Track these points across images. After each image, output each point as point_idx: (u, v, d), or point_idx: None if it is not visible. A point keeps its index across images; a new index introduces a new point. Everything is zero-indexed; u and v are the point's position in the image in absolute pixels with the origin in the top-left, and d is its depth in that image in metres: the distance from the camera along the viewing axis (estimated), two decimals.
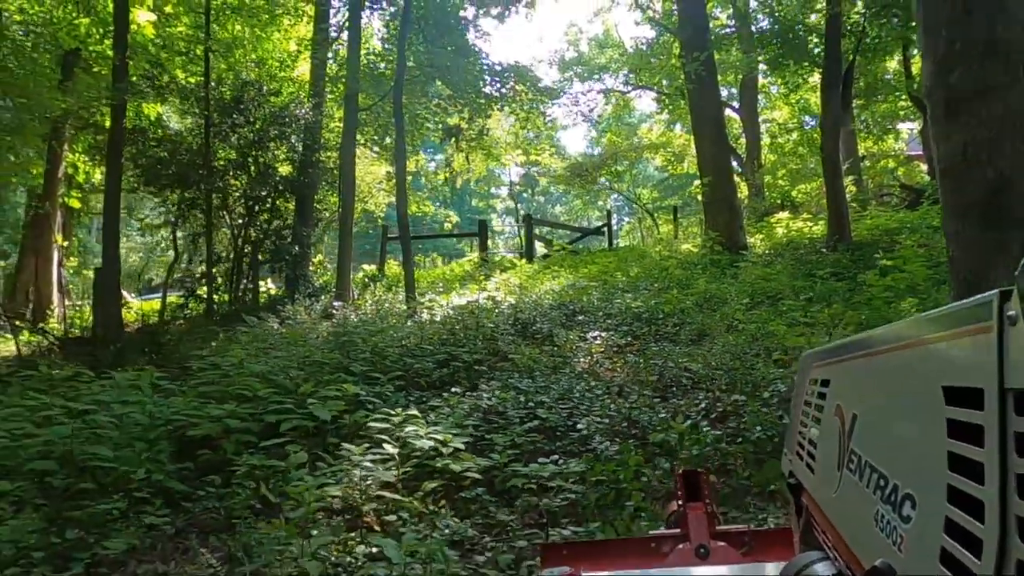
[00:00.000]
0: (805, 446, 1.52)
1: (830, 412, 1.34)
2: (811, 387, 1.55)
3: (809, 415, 1.53)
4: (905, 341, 0.98)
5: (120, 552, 3.60)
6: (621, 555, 2.09)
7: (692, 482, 2.13)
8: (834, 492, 1.25)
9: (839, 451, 1.24)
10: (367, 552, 3.32)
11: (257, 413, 5.00)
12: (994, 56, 4.71)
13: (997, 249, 4.47)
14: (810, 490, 1.47)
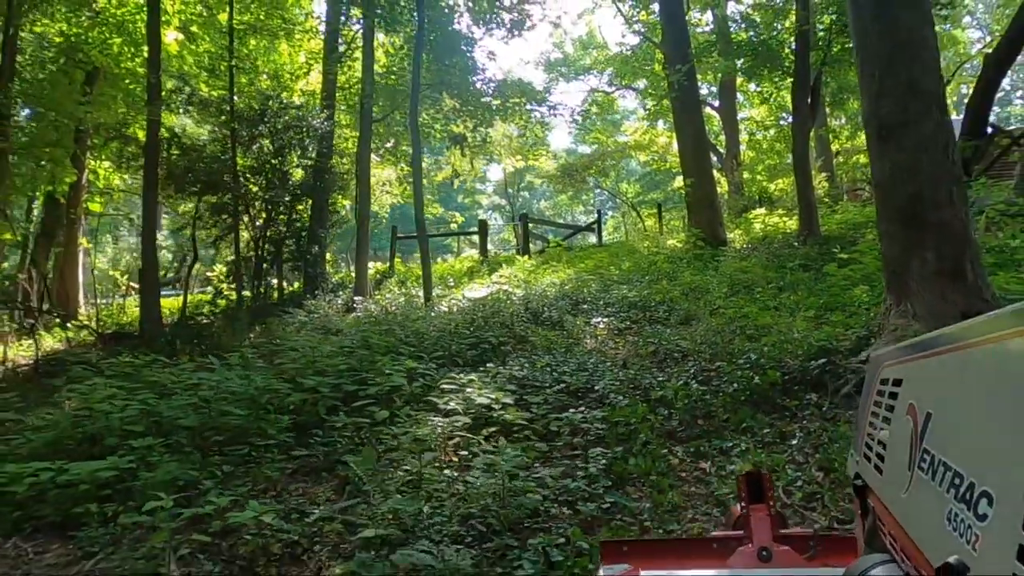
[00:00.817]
0: (874, 447, 1.50)
1: (902, 412, 1.32)
2: (881, 387, 1.54)
3: (879, 416, 1.51)
4: (986, 337, 0.96)
5: (268, 480, 4.91)
6: (681, 555, 2.14)
7: (755, 483, 2.16)
8: (904, 492, 1.23)
9: (911, 451, 1.21)
10: (451, 475, 4.66)
11: (337, 384, 6.32)
12: (913, 95, 6.12)
13: (915, 245, 5.91)
14: (877, 491, 1.45)
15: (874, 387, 1.62)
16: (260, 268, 14.15)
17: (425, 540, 3.64)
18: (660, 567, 2.07)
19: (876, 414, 1.55)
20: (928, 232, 5.84)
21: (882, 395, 1.51)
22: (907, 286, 5.90)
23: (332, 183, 14.38)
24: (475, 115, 13.21)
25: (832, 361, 5.74)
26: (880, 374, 1.57)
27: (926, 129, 6.03)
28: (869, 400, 1.65)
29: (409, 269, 17.48)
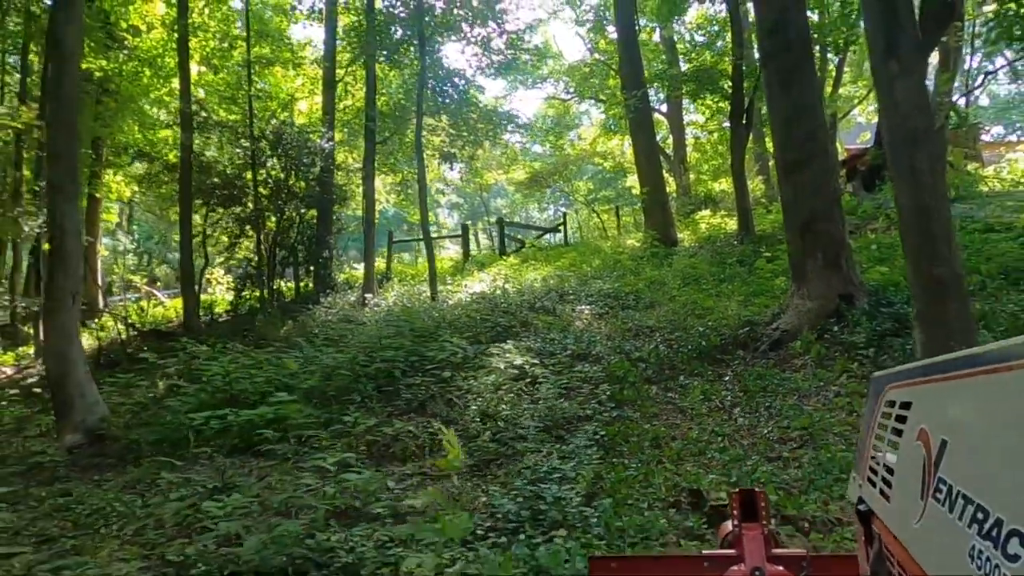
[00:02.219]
0: (879, 471, 1.49)
1: (911, 437, 1.29)
2: (886, 409, 1.52)
3: (884, 439, 1.50)
4: (1016, 363, 0.92)
5: (382, 413, 7.41)
6: (672, 572, 2.22)
7: (748, 502, 2.20)
8: (916, 522, 1.20)
9: (923, 478, 1.18)
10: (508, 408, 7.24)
11: (403, 357, 8.80)
12: (807, 143, 8.96)
13: (809, 249, 8.73)
14: (884, 519, 1.44)
15: (878, 409, 1.58)
16: (273, 271, 16.39)
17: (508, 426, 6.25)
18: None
19: (881, 437, 1.51)
20: (818, 239, 8.69)
21: (888, 417, 1.48)
22: (805, 276, 8.74)
23: (335, 195, 16.69)
24: (467, 138, 15.71)
25: (753, 329, 8.55)
26: (885, 396, 1.53)
27: (816, 167, 8.91)
28: (873, 422, 1.60)
29: (404, 269, 19.94)
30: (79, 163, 15.64)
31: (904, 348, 6.89)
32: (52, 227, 8.30)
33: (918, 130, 6.33)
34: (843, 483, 4.49)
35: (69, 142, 8.42)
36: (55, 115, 8.43)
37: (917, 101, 6.48)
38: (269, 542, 3.96)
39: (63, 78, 8.45)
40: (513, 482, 4.51)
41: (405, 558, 3.55)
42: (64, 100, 8.38)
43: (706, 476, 4.78)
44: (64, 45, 8.44)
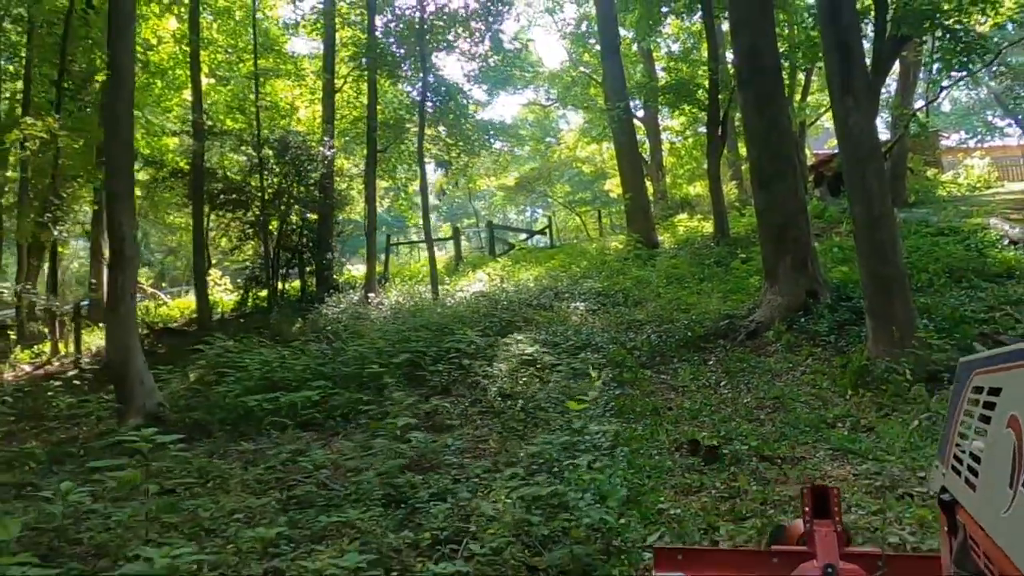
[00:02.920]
0: (964, 460, 1.47)
1: (1001, 423, 1.27)
2: (974, 395, 1.50)
3: (971, 426, 1.48)
4: None
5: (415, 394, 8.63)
6: (738, 566, 2.23)
7: (820, 498, 2.21)
8: (1005, 512, 1.18)
9: (1014, 467, 1.17)
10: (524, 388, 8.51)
11: (425, 348, 10.02)
12: (779, 159, 10.35)
13: (780, 253, 10.13)
14: (970, 508, 1.41)
15: (964, 395, 1.57)
16: (277, 272, 17.46)
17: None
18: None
19: (967, 424, 1.49)
20: (788, 244, 10.09)
21: (975, 404, 1.46)
22: (776, 276, 10.14)
23: (336, 200, 17.81)
24: (462, 147, 16.95)
25: (732, 321, 9.92)
26: (972, 382, 1.53)
27: (787, 181, 10.32)
28: (958, 409, 1.59)
29: (400, 269, 21.11)
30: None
31: (859, 336, 8.29)
32: (112, 233, 9.40)
33: (867, 154, 7.75)
34: (806, 435, 5.85)
35: (126, 156, 9.52)
36: (113, 132, 9.50)
37: (867, 129, 7.92)
38: (366, 480, 5.19)
39: (119, 98, 9.54)
40: (549, 439, 5.77)
41: (492, 483, 4.82)
42: (121, 118, 9.47)
43: (700, 432, 6.10)
44: (121, 67, 9.54)
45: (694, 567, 2.19)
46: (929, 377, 6.73)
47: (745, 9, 10.35)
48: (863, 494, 4.46)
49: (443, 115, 15.76)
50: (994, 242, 12.10)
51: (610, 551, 3.78)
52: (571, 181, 45.25)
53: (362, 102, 17.83)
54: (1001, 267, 10.49)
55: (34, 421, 10.00)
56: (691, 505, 4.52)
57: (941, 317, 8.43)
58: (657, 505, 4.46)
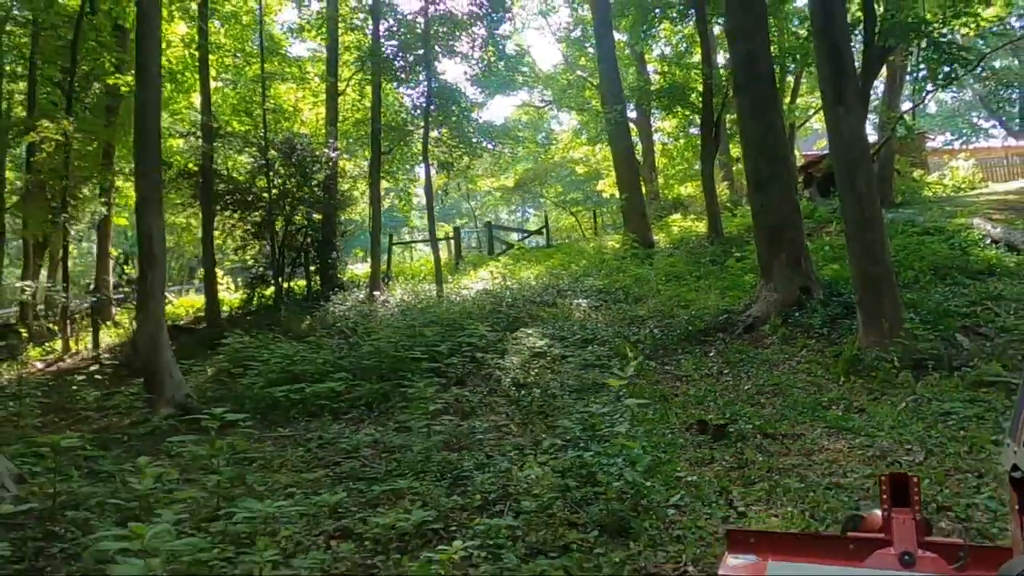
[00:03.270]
0: None
1: None
2: None
3: None
4: None
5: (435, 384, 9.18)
6: (813, 551, 2.18)
7: (899, 486, 2.15)
8: None
9: None
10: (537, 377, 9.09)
11: (441, 342, 10.57)
12: (774, 162, 10.98)
13: (775, 251, 10.75)
14: None
15: None
16: (283, 271, 17.94)
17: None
18: (789, 560, 2.09)
19: None
20: (782, 243, 10.72)
21: None
22: (771, 274, 10.77)
23: (340, 200, 18.32)
24: (464, 149, 17.52)
25: (730, 316, 10.55)
26: None
27: (781, 183, 10.96)
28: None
29: (401, 268, 21.66)
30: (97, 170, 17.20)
31: (850, 328, 8.92)
32: (141, 233, 9.89)
33: (857, 158, 8.39)
34: (802, 415, 6.46)
35: (154, 160, 10.02)
36: (143, 137, 9.99)
37: (857, 135, 8.56)
38: (407, 458, 5.75)
39: (148, 103, 10.03)
40: (570, 422, 6.35)
41: (525, 458, 5.41)
42: (149, 124, 9.97)
43: (706, 414, 6.71)
44: (148, 71, 10.04)
45: (767, 550, 2.16)
46: (915, 365, 7.37)
47: (741, 19, 10.97)
48: (857, 463, 5.07)
49: (446, 118, 16.31)
50: (977, 241, 12.79)
51: (639, 508, 4.36)
52: (563, 181, 46.05)
53: (365, 104, 18.36)
54: (983, 265, 11.16)
55: (62, 413, 10.47)
56: (705, 474, 5.12)
57: (926, 311, 9.07)
58: (675, 473, 5.06)
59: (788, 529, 3.98)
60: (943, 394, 6.54)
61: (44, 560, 4.37)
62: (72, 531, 4.62)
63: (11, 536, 4.82)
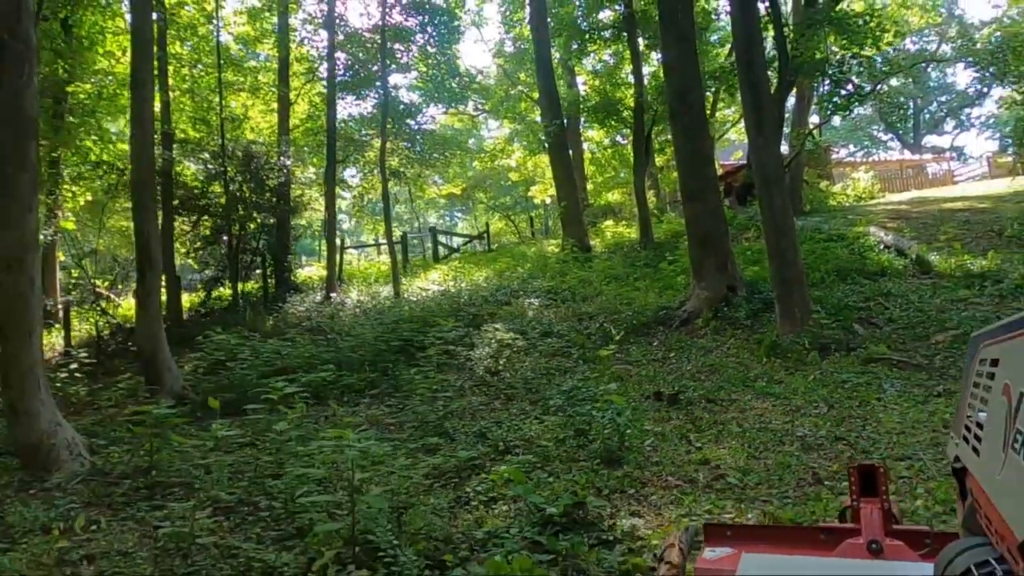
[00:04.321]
0: (972, 429, 1.58)
1: (998, 392, 1.38)
2: (980, 368, 1.61)
3: (978, 397, 1.58)
4: None
5: None
6: (786, 542, 2.33)
7: (868, 477, 2.30)
8: (999, 473, 1.29)
9: (1005, 431, 1.27)
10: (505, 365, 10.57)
11: (413, 336, 11.90)
12: (704, 181, 12.82)
13: (705, 256, 12.57)
14: (975, 473, 1.53)
15: (973, 367, 1.68)
16: (238, 273, 18.81)
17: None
18: (763, 551, 2.21)
19: (975, 395, 1.59)
20: (711, 249, 12.55)
21: (981, 376, 1.56)
22: (702, 273, 12.59)
23: (292, 206, 19.32)
24: (415, 158, 18.83)
25: (668, 312, 12.32)
26: (979, 354, 1.62)
27: (710, 197, 12.81)
28: (969, 382, 1.69)
29: (351, 271, 22.72)
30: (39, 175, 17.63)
31: (770, 320, 10.79)
32: (138, 236, 10.87)
33: (773, 177, 10.26)
34: (735, 386, 8.19)
35: (150, 170, 11.01)
36: (139, 149, 10.96)
37: (774, 158, 10.45)
38: (421, 425, 7.15)
39: (143, 118, 11.02)
40: (553, 392, 7.87)
41: (523, 421, 6.88)
42: (145, 137, 10.96)
43: (660, 388, 8.37)
44: (143, 86, 11.03)
45: (742, 542, 2.28)
46: (821, 347, 9.25)
47: (674, 56, 12.78)
48: (778, 415, 6.79)
49: (400, 130, 17.61)
50: (872, 247, 15.03)
51: (624, 447, 5.91)
52: (494, 187, 47.77)
53: (317, 114, 19.44)
54: (877, 267, 13.30)
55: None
56: (666, 427, 6.73)
57: (830, 305, 11.02)
58: (644, 427, 6.64)
59: (732, 465, 5.57)
60: (842, 368, 8.39)
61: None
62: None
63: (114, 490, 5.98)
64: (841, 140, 50.68)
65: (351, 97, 18.39)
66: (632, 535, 4.14)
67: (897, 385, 7.56)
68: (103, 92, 17.14)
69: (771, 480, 5.03)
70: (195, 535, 4.13)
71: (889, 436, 5.79)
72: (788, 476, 5.08)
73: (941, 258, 13.14)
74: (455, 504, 4.85)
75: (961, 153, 43.58)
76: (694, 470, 5.34)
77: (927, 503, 4.32)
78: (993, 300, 10.68)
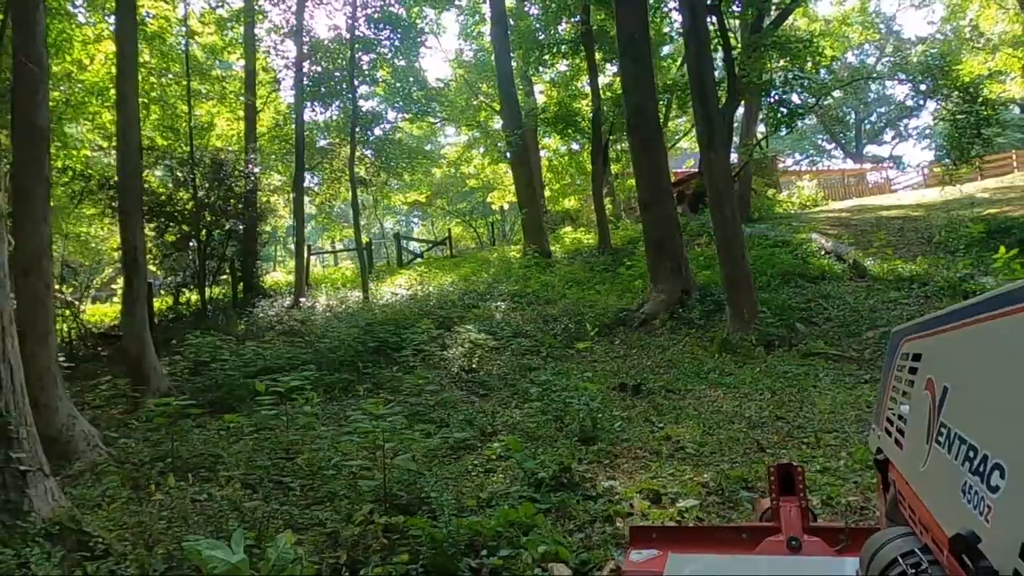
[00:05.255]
0: (894, 422, 1.64)
1: (920, 386, 1.43)
2: (901, 363, 1.68)
3: (899, 391, 1.65)
4: (1003, 310, 1.01)
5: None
6: (710, 542, 2.43)
7: (786, 476, 2.40)
8: (922, 466, 1.33)
9: (928, 425, 1.32)
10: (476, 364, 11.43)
11: (388, 337, 12.66)
12: (660, 191, 13.90)
13: (661, 260, 13.68)
14: (898, 465, 1.59)
15: (895, 362, 1.75)
16: (205, 279, 19.27)
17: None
18: (688, 552, 2.29)
19: (897, 389, 1.67)
20: (666, 253, 13.63)
21: (902, 370, 1.63)
22: (659, 278, 13.65)
23: (260, 213, 19.87)
24: (381, 166, 19.57)
25: (627, 313, 13.34)
26: (901, 349, 1.69)
27: (665, 205, 13.89)
28: (890, 376, 1.77)
29: (316, 277, 23.30)
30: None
31: (721, 320, 11.88)
32: (125, 244, 11.44)
33: (724, 188, 11.35)
34: (691, 378, 9.21)
35: (136, 179, 11.59)
36: (125, 158, 11.53)
37: (724, 171, 11.54)
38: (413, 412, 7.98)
39: (128, 128, 11.59)
40: (528, 386, 8.76)
41: (504, 409, 7.76)
42: (131, 146, 11.54)
43: (623, 380, 9.34)
44: (129, 101, 11.61)
45: (667, 543, 2.35)
46: (767, 344, 10.36)
47: (632, 77, 13.85)
48: (729, 400, 7.82)
49: (367, 140, 18.35)
50: (814, 252, 16.33)
51: (596, 428, 6.84)
52: (454, 193, 48.57)
53: (284, 122, 20.06)
54: (817, 271, 14.55)
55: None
56: (632, 412, 7.69)
57: (775, 306, 12.16)
58: (613, 412, 7.58)
59: (690, 440, 6.52)
60: (784, 362, 9.49)
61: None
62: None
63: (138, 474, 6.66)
64: (787, 150, 52.89)
65: (319, 106, 19.03)
66: (611, 492, 5.05)
67: (831, 375, 8.66)
68: (71, 99, 17.46)
69: (723, 450, 6.00)
70: (241, 499, 4.90)
71: (822, 415, 6.83)
72: (736, 447, 6.06)
73: (876, 263, 14.44)
74: (459, 475, 5.70)
75: (899, 162, 46.08)
76: (658, 444, 6.29)
77: (848, 463, 5.33)
78: (919, 301, 11.96)
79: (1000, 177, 29.39)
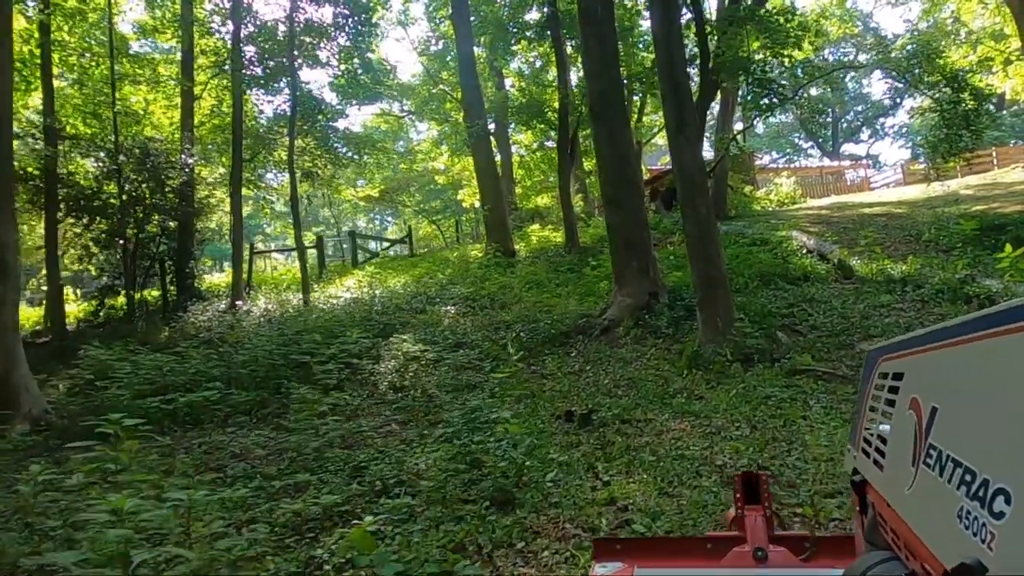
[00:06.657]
0: (872, 442, 1.57)
1: (903, 406, 1.37)
2: (880, 381, 1.59)
3: (878, 410, 1.57)
4: (1000, 329, 0.97)
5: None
6: (675, 553, 2.34)
7: (751, 485, 2.35)
8: (908, 489, 1.27)
9: (914, 446, 1.25)
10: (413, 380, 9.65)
11: (314, 349, 10.85)
12: (626, 184, 12.14)
13: (628, 259, 11.93)
14: (878, 487, 1.51)
15: (872, 381, 1.67)
16: (135, 280, 17.33)
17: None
18: (654, 566, 2.22)
19: (875, 408, 1.59)
20: (633, 252, 11.91)
21: (881, 389, 1.55)
22: (624, 279, 11.92)
23: (196, 208, 17.93)
24: (331, 159, 17.70)
25: (588, 320, 11.59)
26: (879, 368, 1.62)
27: (633, 202, 12.16)
28: (867, 394, 1.69)
29: (263, 278, 21.31)
30: None
31: (691, 328, 10.17)
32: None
33: (697, 180, 9.63)
34: (653, 403, 7.47)
35: (6, 169, 9.68)
36: None
37: (696, 161, 9.81)
38: (302, 456, 6.18)
39: (1, 112, 9.68)
40: (454, 414, 6.99)
41: (414, 450, 5.97)
42: (4, 131, 9.64)
43: (572, 406, 7.57)
44: (3, 78, 9.69)
45: (632, 556, 2.28)
46: (744, 358, 8.64)
47: (596, 63, 12.09)
48: (698, 438, 6.07)
49: (311, 128, 16.48)
50: (795, 251, 14.68)
51: (520, 484, 5.08)
52: (422, 191, 46.63)
53: (224, 110, 18.12)
54: (799, 272, 12.90)
55: None
56: (574, 454, 5.93)
57: (754, 312, 10.47)
58: (548, 456, 5.83)
59: (641, 503, 4.80)
60: (766, 381, 7.77)
61: None
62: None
63: None
64: (764, 147, 51.52)
65: (261, 93, 17.13)
66: None
67: (823, 400, 6.96)
68: None
69: (684, 524, 4.26)
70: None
71: (817, 464, 5.11)
72: (703, 518, 4.31)
73: (862, 263, 12.82)
74: (304, 569, 3.91)
75: (876, 161, 44.78)
76: (597, 513, 4.53)
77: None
78: (915, 306, 10.32)
79: (982, 174, 28.05)
